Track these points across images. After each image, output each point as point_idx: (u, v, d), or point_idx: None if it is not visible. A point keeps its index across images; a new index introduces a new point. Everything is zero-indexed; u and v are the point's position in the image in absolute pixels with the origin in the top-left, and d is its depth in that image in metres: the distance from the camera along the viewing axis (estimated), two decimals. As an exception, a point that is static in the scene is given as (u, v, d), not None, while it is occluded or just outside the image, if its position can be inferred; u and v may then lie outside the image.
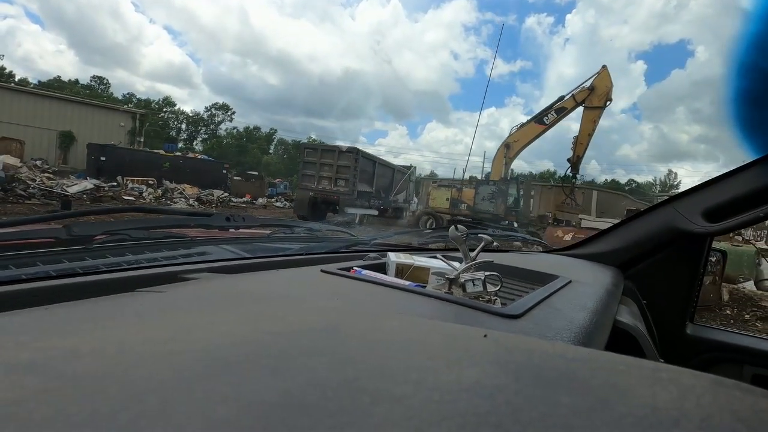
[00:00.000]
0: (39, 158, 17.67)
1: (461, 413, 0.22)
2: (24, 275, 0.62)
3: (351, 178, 13.51)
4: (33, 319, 0.45)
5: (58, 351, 0.28)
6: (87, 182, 14.22)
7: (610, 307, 0.94)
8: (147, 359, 0.27)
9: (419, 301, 0.67)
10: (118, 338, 0.33)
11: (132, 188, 15.72)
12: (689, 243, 1.46)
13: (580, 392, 0.24)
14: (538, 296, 0.78)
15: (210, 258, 0.88)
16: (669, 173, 65.80)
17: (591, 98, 14.03)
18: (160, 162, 19.07)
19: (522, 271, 1.10)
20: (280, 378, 0.25)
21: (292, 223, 1.47)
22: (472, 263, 0.76)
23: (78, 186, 13.51)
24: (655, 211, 1.55)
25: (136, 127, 24.94)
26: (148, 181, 16.67)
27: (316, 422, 0.21)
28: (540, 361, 0.30)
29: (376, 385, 0.24)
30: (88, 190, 13.43)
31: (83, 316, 0.47)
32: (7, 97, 20.94)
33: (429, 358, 0.30)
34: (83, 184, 13.85)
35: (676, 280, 1.49)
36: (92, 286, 0.62)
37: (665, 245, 1.49)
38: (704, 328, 1.53)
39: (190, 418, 0.20)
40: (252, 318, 0.42)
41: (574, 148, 14.65)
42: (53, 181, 13.60)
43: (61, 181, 13.96)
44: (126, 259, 0.79)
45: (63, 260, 0.72)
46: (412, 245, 1.45)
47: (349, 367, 0.27)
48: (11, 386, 0.23)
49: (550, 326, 0.62)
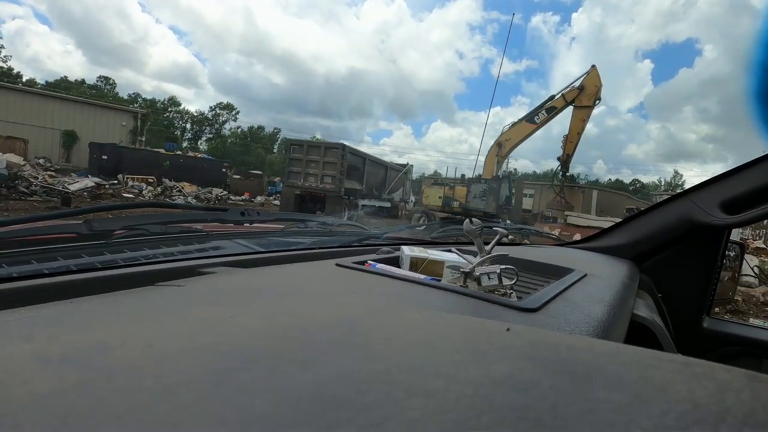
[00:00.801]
0: (42, 157, 17.89)
1: (497, 408, 0.21)
2: (46, 270, 0.63)
3: (338, 175, 13.22)
4: (59, 312, 0.46)
5: (88, 344, 0.28)
6: (88, 180, 14.42)
7: (627, 301, 0.93)
8: (175, 352, 0.27)
9: (435, 295, 0.66)
10: (145, 332, 0.34)
11: (132, 186, 15.75)
12: (706, 235, 1.43)
13: (615, 387, 0.24)
14: (555, 290, 0.76)
15: (225, 252, 0.88)
16: (675, 174, 65.82)
17: (580, 97, 14.19)
18: (161, 160, 19.18)
19: (537, 265, 1.08)
20: (310, 372, 0.25)
21: (306, 218, 1.47)
22: (487, 257, 0.75)
23: (79, 184, 13.77)
24: (671, 203, 1.50)
25: (138, 126, 25.14)
26: (148, 179, 16.73)
27: (353, 416, 0.20)
28: (567, 355, 0.29)
29: (407, 379, 0.24)
30: (89, 187, 13.63)
31: (107, 310, 0.48)
32: (13, 97, 21.28)
33: (456, 352, 0.29)
34: (84, 182, 14.10)
35: (692, 272, 1.46)
36: (112, 280, 0.62)
37: (681, 238, 1.45)
38: (722, 322, 1.49)
39: (226, 412, 0.20)
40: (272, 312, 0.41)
41: (564, 147, 14.84)
42: (55, 179, 13.82)
43: (63, 179, 14.18)
44: (143, 253, 0.79)
45: (83, 255, 0.72)
46: (424, 239, 1.43)
47: (377, 360, 0.27)
48: (49, 377, 0.23)
49: (568, 320, 0.62)
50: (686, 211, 1.39)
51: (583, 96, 14.16)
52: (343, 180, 13.32)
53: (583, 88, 14.19)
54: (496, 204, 14.65)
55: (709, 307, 1.48)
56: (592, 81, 14.14)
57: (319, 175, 13.40)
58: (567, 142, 14.67)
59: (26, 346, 0.29)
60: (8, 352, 0.27)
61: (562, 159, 14.98)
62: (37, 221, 0.78)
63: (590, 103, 14.13)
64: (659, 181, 65.18)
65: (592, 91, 14.10)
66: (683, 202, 1.42)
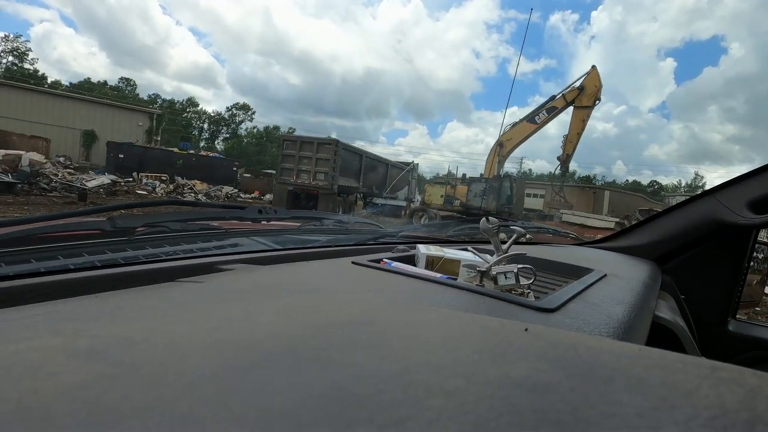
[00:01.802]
0: (63, 155, 18.44)
1: (518, 410, 0.21)
2: (72, 265, 0.64)
3: (330, 171, 12.70)
4: (85, 307, 0.46)
5: (113, 338, 0.29)
6: (104, 177, 14.81)
7: (649, 302, 0.91)
8: (197, 348, 0.27)
9: (451, 294, 0.66)
10: (167, 327, 0.34)
11: (146, 183, 16.05)
12: (732, 235, 1.36)
13: (639, 391, 0.23)
14: (573, 290, 0.75)
15: (243, 249, 0.89)
16: (696, 176, 63.63)
17: (581, 98, 14.27)
18: (174, 159, 19.49)
19: (555, 264, 1.06)
20: (329, 370, 0.25)
21: (322, 216, 1.47)
22: (504, 255, 0.74)
23: (96, 181, 14.27)
24: (695, 202, 1.44)
25: (153, 126, 25.84)
26: (161, 177, 17.00)
27: (373, 414, 0.20)
28: (588, 357, 0.28)
29: (426, 379, 0.24)
30: (105, 184, 14.10)
31: (131, 305, 0.48)
32: (37, 98, 21.97)
33: (474, 352, 0.29)
34: (101, 179, 14.55)
35: (717, 274, 1.40)
36: (134, 276, 0.63)
37: (706, 238, 1.40)
38: (748, 325, 1.42)
39: (247, 408, 0.20)
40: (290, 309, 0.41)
41: (564, 147, 14.90)
42: (74, 176, 14.34)
43: (81, 176, 14.73)
44: (164, 250, 0.80)
45: (106, 251, 0.74)
46: (440, 237, 1.40)
47: (395, 359, 0.27)
48: (76, 371, 0.23)
49: (587, 320, 0.60)
50: (711, 211, 1.32)
51: (583, 96, 14.22)
52: (336, 177, 12.85)
53: (583, 88, 14.24)
54: (496, 203, 14.63)
55: (735, 310, 1.41)
56: (592, 81, 14.18)
57: (311, 171, 12.90)
58: (567, 142, 14.74)
59: (54, 340, 0.29)
60: (37, 344, 0.28)
61: (562, 158, 15.04)
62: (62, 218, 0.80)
63: (590, 103, 14.19)
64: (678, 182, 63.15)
65: (592, 92, 14.15)
66: (708, 201, 1.35)
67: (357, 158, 14.49)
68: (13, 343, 0.28)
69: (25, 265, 0.62)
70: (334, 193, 12.97)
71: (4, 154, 12.91)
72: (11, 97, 21.19)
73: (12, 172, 11.66)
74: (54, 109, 22.08)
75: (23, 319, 0.42)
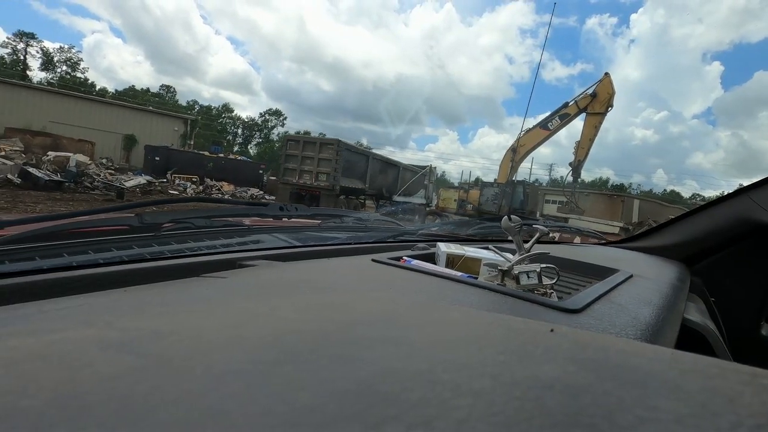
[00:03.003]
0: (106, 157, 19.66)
1: (549, 412, 0.20)
2: (101, 260, 0.65)
3: (332, 172, 12.40)
4: (114, 300, 0.47)
5: (142, 331, 0.29)
6: (141, 178, 15.58)
7: (677, 304, 0.87)
8: (222, 343, 0.27)
9: (472, 293, 0.64)
10: (193, 321, 0.34)
11: (178, 184, 16.65)
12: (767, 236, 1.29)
13: (676, 397, 0.22)
14: (598, 290, 0.73)
15: (264, 246, 0.89)
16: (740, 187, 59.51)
17: (593, 104, 14.22)
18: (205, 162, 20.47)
19: (578, 264, 1.03)
20: (353, 367, 0.24)
21: (342, 213, 1.47)
22: (526, 255, 0.72)
23: (133, 181, 15.26)
24: (727, 201, 1.36)
25: (187, 131, 26.98)
26: (192, 178, 17.59)
27: (401, 413, 0.20)
28: (619, 360, 0.27)
29: (452, 378, 0.23)
30: (141, 184, 15.36)
31: (157, 299, 0.49)
32: (85, 105, 23.28)
33: (499, 352, 0.28)
34: (138, 179, 15.52)
35: (750, 276, 1.33)
36: (160, 270, 0.64)
37: (738, 238, 1.33)
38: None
39: (274, 403, 0.20)
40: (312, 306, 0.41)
41: (576, 153, 14.78)
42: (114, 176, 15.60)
43: (121, 176, 16.01)
44: (188, 246, 0.81)
45: (133, 246, 0.75)
46: (459, 236, 1.37)
47: (419, 358, 0.26)
48: (109, 362, 0.23)
49: (613, 322, 0.58)
50: (745, 210, 1.26)
51: (596, 103, 14.16)
52: (338, 177, 12.49)
53: (595, 95, 14.16)
54: (508, 207, 14.69)
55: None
56: (605, 88, 14.10)
57: (313, 171, 12.61)
58: (579, 148, 14.62)
59: (87, 331, 0.30)
60: (72, 335, 0.28)
61: (574, 164, 14.91)
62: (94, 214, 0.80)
63: (602, 110, 14.11)
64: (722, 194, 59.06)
65: (604, 98, 14.06)
66: (741, 200, 1.28)
67: (362, 159, 14.10)
68: (49, 333, 0.29)
69: (58, 259, 0.63)
70: (336, 193, 12.61)
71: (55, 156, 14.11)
72: (63, 105, 22.41)
73: (61, 172, 12.67)
74: (99, 115, 23.23)
75: (58, 311, 0.42)
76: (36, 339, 0.27)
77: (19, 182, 10.94)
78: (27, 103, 21.37)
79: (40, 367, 0.23)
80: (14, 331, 0.34)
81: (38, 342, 0.27)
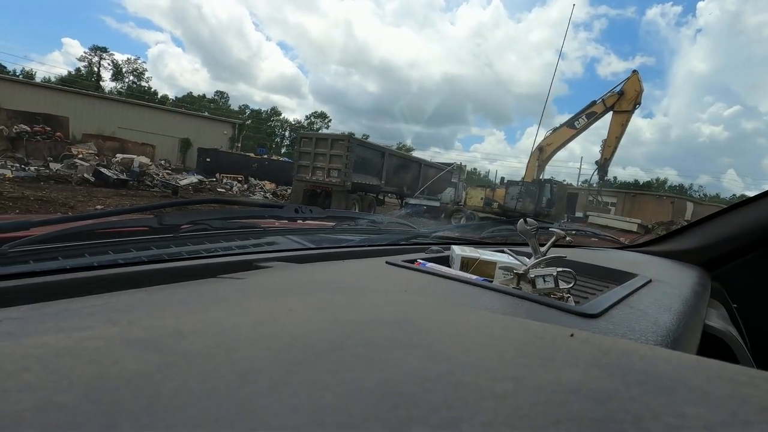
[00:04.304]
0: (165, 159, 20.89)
1: (576, 417, 0.20)
2: (121, 260, 0.65)
3: (343, 168, 12.00)
4: (135, 299, 0.47)
5: (165, 330, 0.29)
6: (193, 177, 16.16)
7: (698, 310, 0.85)
8: (243, 343, 0.27)
9: (488, 296, 0.63)
10: (213, 321, 0.33)
11: (225, 183, 17.67)
12: None
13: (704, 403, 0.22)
14: (616, 295, 0.71)
15: (279, 247, 0.88)
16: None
17: (620, 102, 13.84)
18: (250, 163, 21.24)
19: (595, 268, 1.00)
20: (375, 368, 0.24)
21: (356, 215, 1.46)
22: (543, 258, 0.70)
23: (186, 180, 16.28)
24: (750, 205, 1.29)
25: (235, 134, 28.54)
26: (238, 177, 18.68)
27: (425, 415, 0.19)
28: (644, 366, 0.26)
29: (474, 381, 0.23)
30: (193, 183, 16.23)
31: (177, 299, 0.49)
32: (147, 112, 25.25)
33: (519, 356, 0.27)
34: (190, 178, 16.40)
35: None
36: (178, 271, 0.64)
37: (761, 243, 1.26)
38: None
39: (299, 402, 0.20)
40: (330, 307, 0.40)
41: (602, 151, 14.47)
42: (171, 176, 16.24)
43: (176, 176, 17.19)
44: (204, 247, 0.80)
45: (152, 247, 0.74)
46: (474, 238, 1.34)
47: (440, 360, 0.26)
48: (135, 360, 0.23)
49: (633, 328, 0.56)
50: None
51: (623, 101, 13.79)
52: (349, 174, 12.06)
53: (623, 93, 13.79)
54: (533, 206, 14.45)
55: None
56: (633, 86, 13.71)
57: (325, 168, 12.22)
58: (605, 146, 14.31)
59: (112, 329, 0.30)
60: (98, 333, 0.28)
61: (600, 162, 14.64)
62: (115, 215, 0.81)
63: (629, 107, 13.76)
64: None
65: (632, 96, 13.69)
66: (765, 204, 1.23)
67: (377, 155, 13.53)
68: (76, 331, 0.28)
69: (80, 259, 0.64)
70: (348, 190, 12.16)
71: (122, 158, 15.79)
72: (129, 112, 24.19)
73: (126, 172, 13.57)
74: (160, 121, 24.87)
75: (83, 309, 0.43)
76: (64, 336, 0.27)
77: (93, 180, 12.08)
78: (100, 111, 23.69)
79: (70, 363, 0.23)
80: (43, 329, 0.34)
81: (67, 339, 0.27)
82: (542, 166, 15.66)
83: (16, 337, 0.33)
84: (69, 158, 13.64)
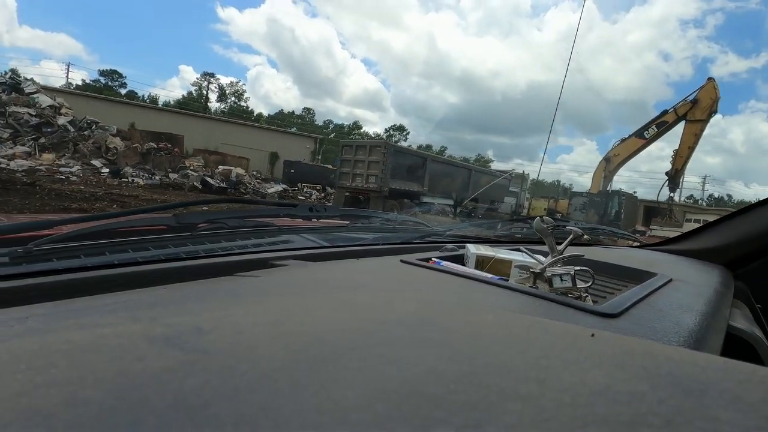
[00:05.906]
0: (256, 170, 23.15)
1: (603, 420, 0.19)
2: (140, 258, 0.65)
3: (380, 174, 12.12)
4: (155, 297, 0.47)
5: (185, 327, 0.28)
6: (279, 186, 17.90)
7: (722, 310, 0.82)
8: (263, 340, 0.27)
9: (504, 295, 0.61)
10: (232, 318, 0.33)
11: (305, 191, 19.25)
12: None
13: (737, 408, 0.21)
14: (636, 295, 0.68)
15: (294, 246, 0.88)
16: None
17: (693, 111, 12.74)
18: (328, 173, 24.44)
19: (615, 267, 0.97)
20: (396, 367, 0.23)
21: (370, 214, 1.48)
22: (560, 257, 0.68)
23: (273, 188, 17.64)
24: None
25: (316, 148, 31.10)
26: (317, 187, 20.33)
27: (449, 415, 0.19)
28: (670, 368, 0.25)
29: (497, 382, 0.22)
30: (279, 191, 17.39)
31: (196, 297, 0.49)
32: (243, 129, 28.41)
33: (541, 357, 0.26)
34: (276, 187, 17.43)
35: None
36: (195, 269, 0.63)
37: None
38: None
39: (322, 401, 0.19)
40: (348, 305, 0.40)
41: (674, 162, 13.35)
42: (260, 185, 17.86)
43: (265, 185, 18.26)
44: (220, 245, 0.81)
45: (169, 245, 0.75)
46: (488, 237, 1.33)
47: (461, 360, 0.25)
48: (158, 356, 0.23)
49: (654, 328, 0.54)
50: None
51: (697, 110, 12.70)
52: (386, 179, 12.13)
53: (697, 101, 12.70)
54: (597, 218, 13.68)
55: None
56: (708, 94, 12.58)
57: (364, 174, 12.41)
58: (677, 157, 13.26)
59: (134, 326, 0.30)
60: (121, 330, 0.29)
61: (671, 174, 13.60)
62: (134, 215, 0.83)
63: (704, 116, 12.62)
64: None
65: (706, 105, 12.56)
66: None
67: (419, 161, 13.51)
68: (99, 328, 0.29)
69: (100, 257, 0.64)
70: (385, 195, 12.16)
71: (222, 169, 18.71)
72: (230, 129, 27.52)
73: (226, 181, 15.54)
74: (253, 137, 27.86)
75: (105, 306, 0.42)
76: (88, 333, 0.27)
77: (200, 187, 14.07)
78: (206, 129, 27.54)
79: (95, 359, 0.23)
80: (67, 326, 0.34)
81: (91, 335, 0.27)
82: (609, 177, 15.25)
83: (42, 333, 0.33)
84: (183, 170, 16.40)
